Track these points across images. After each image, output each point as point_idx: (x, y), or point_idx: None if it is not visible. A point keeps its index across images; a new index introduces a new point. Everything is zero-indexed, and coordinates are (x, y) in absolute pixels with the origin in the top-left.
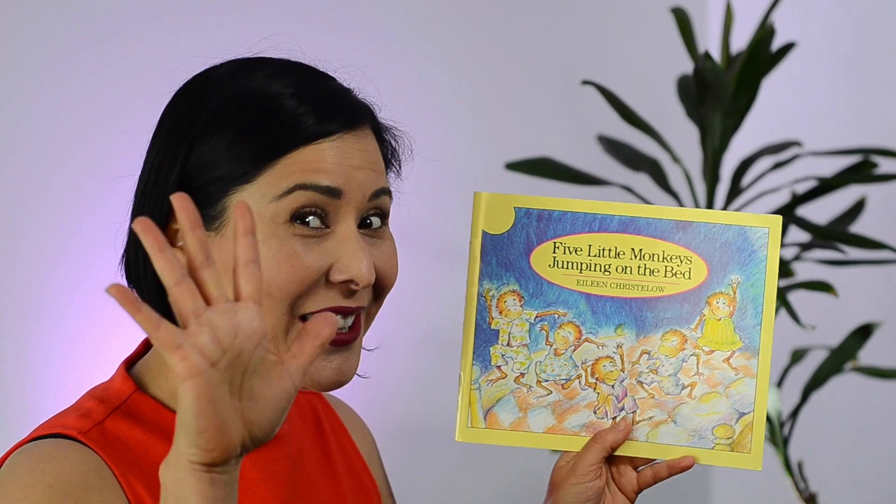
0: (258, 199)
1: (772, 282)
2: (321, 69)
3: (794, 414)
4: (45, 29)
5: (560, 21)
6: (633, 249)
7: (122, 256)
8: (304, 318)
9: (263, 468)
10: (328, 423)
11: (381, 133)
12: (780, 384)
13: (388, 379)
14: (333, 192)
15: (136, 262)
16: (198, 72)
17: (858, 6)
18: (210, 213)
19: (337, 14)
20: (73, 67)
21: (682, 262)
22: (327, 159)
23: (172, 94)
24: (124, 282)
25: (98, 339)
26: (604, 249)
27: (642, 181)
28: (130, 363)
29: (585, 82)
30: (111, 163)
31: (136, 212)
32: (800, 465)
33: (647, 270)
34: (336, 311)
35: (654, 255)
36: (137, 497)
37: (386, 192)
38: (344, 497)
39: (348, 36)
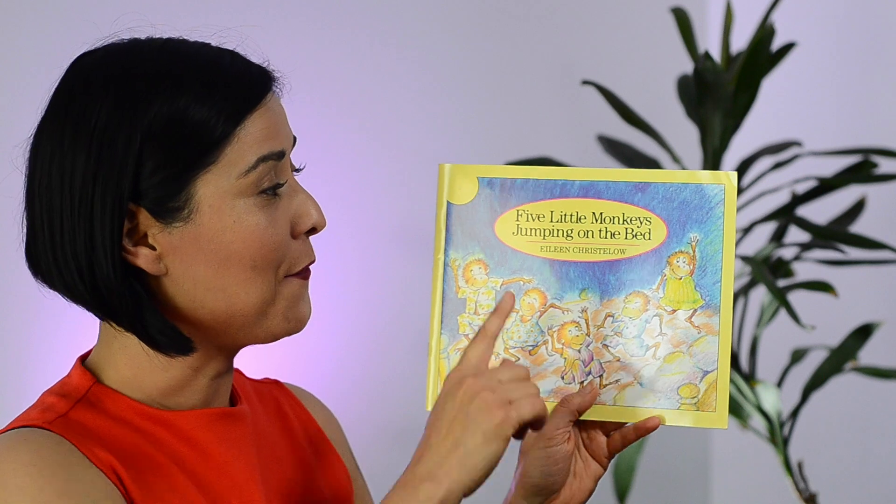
0: (224, 178)
1: (730, 237)
2: (191, 39)
3: (794, 414)
4: (45, 29)
5: (560, 21)
6: (594, 213)
7: (26, 245)
8: (288, 275)
9: (230, 445)
10: (291, 411)
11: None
12: (780, 384)
13: (388, 379)
14: (282, 154)
15: (94, 272)
16: (101, 59)
17: (858, 6)
18: (174, 205)
19: (337, 14)
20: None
21: (641, 223)
22: (268, 124)
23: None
24: (28, 271)
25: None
26: (566, 215)
27: None
28: (84, 359)
29: (585, 82)
30: None
31: (82, 220)
32: (800, 465)
33: (609, 233)
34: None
35: (614, 217)
36: (111, 469)
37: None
38: (313, 476)
39: (348, 36)
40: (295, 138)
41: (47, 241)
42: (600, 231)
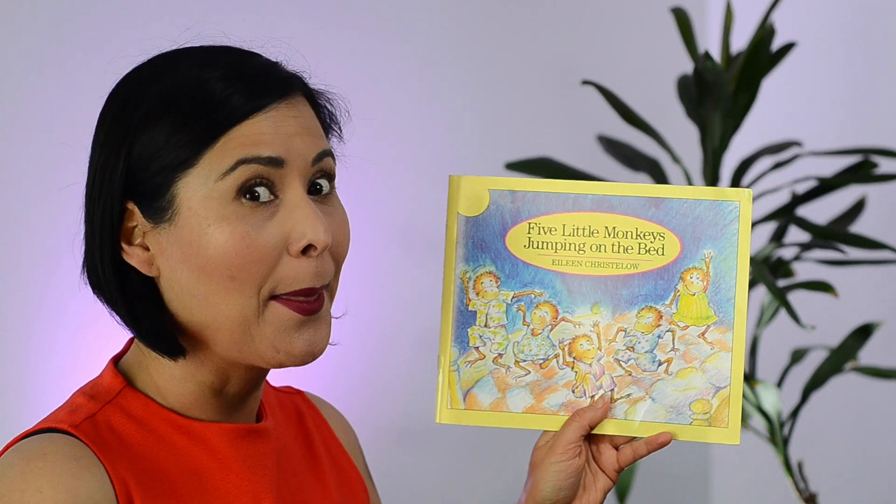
0: (202, 181)
1: (744, 254)
2: (246, 48)
3: (794, 414)
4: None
5: (560, 21)
6: (606, 228)
7: (84, 264)
8: (276, 298)
9: (252, 463)
10: (311, 420)
11: (314, 99)
12: (780, 384)
13: (388, 379)
14: (275, 162)
15: (97, 267)
16: (127, 71)
17: (858, 6)
18: (160, 205)
19: (338, 14)
20: (71, 66)
21: (655, 238)
22: (264, 131)
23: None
24: (88, 289)
25: (98, 339)
26: (578, 228)
27: (642, 181)
28: (117, 360)
29: (585, 82)
30: None
31: (88, 215)
32: (800, 465)
33: (621, 248)
34: (306, 293)
35: (627, 232)
36: (125, 489)
37: (328, 153)
38: (329, 489)
39: (348, 36)
40: (321, 156)
41: (84, 236)
42: (613, 245)
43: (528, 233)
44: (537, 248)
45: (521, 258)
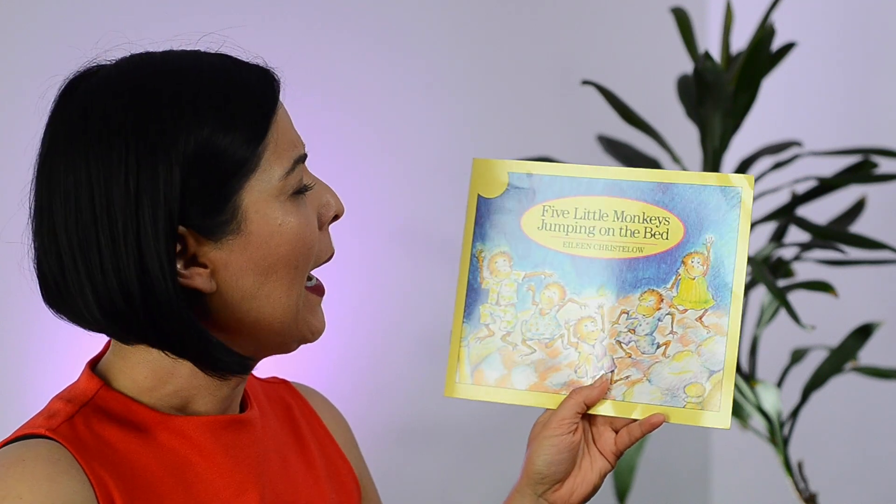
0: (265, 183)
1: (744, 240)
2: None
3: (794, 414)
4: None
5: (560, 21)
6: (615, 211)
7: (46, 285)
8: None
9: (235, 453)
10: (299, 413)
11: None
12: (780, 384)
13: (388, 379)
14: (306, 155)
15: (157, 302)
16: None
17: (858, 6)
18: (222, 219)
19: (338, 14)
20: (71, 67)
21: (660, 222)
22: (288, 125)
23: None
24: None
25: (98, 339)
26: (589, 212)
27: None
28: (94, 364)
29: (585, 82)
30: None
31: (129, 246)
32: (800, 465)
33: (628, 232)
34: (329, 259)
35: (634, 216)
36: (105, 490)
37: None
38: (319, 478)
39: (348, 37)
40: None
41: (83, 276)
42: (621, 229)
43: (542, 215)
44: (550, 230)
45: (535, 239)
